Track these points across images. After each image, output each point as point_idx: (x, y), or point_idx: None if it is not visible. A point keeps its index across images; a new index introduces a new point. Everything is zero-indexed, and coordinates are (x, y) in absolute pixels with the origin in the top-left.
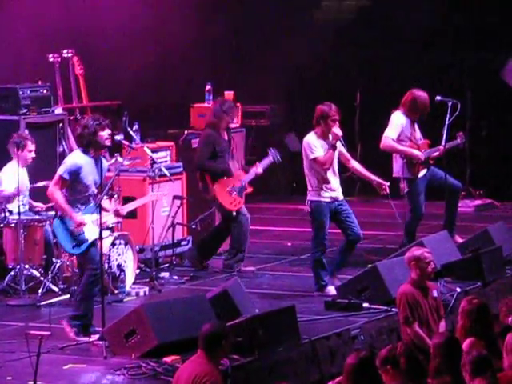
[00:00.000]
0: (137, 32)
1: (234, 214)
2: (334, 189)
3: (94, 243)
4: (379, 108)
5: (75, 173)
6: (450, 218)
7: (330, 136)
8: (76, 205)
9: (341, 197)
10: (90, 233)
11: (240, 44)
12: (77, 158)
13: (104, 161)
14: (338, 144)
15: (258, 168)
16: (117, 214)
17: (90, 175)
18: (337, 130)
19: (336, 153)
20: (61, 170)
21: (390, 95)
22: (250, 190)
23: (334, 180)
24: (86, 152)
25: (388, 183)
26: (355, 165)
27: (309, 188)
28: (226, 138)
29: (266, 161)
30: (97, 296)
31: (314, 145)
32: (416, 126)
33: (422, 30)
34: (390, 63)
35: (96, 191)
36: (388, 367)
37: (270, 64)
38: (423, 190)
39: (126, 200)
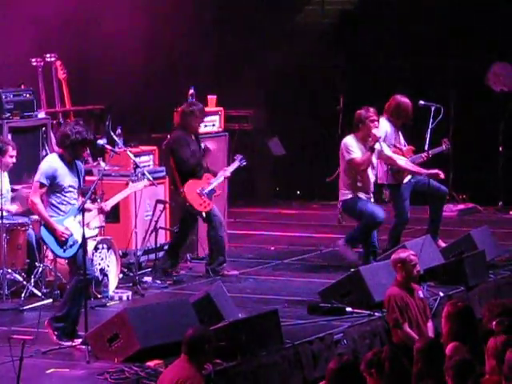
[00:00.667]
0: (121, 36)
1: (204, 215)
2: (368, 192)
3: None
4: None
5: (52, 176)
6: (435, 222)
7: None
8: (58, 207)
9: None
10: (79, 234)
11: (223, 48)
12: (51, 161)
13: (79, 163)
14: (378, 145)
15: (226, 171)
16: (101, 211)
17: (66, 177)
18: (376, 131)
19: (374, 155)
20: (37, 177)
21: (374, 99)
22: (218, 193)
23: (369, 183)
24: (61, 155)
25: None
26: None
27: (342, 189)
28: (195, 137)
29: (233, 165)
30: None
31: (351, 145)
32: (400, 133)
33: (408, 35)
34: (374, 67)
35: (77, 193)
36: (372, 371)
37: (254, 68)
38: (408, 196)
39: None
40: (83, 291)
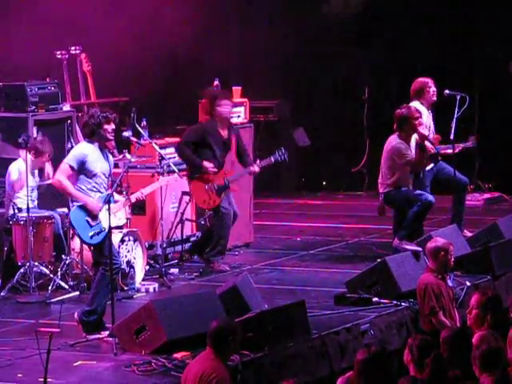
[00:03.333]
0: (145, 28)
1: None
2: (408, 185)
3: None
4: (388, 102)
5: (82, 161)
6: (458, 213)
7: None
8: (88, 194)
9: None
10: (106, 222)
11: (248, 39)
12: (83, 147)
13: (109, 154)
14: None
15: (255, 167)
16: (136, 198)
17: (96, 163)
18: (423, 130)
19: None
20: (67, 159)
21: (398, 89)
22: (235, 188)
23: (410, 177)
24: (90, 142)
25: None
26: None
27: (383, 182)
28: (224, 135)
29: (266, 161)
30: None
31: (403, 149)
32: (428, 119)
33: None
34: (399, 57)
35: (107, 181)
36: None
37: (278, 59)
38: (428, 184)
39: None
40: (109, 282)
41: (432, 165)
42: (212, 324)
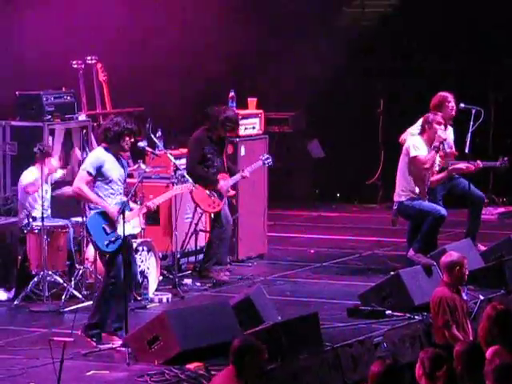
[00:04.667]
0: (161, 39)
1: (213, 216)
2: (425, 195)
3: (120, 249)
4: (403, 115)
5: (99, 167)
6: (472, 228)
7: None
8: (105, 200)
9: None
10: (122, 230)
11: (264, 50)
12: (99, 153)
13: (124, 161)
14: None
15: (246, 172)
16: (147, 207)
17: (113, 170)
18: (441, 132)
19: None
20: (85, 165)
21: (414, 102)
22: (232, 193)
23: (426, 186)
24: (107, 149)
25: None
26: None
27: (398, 190)
28: (218, 140)
29: (255, 164)
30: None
31: (419, 144)
32: (449, 133)
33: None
34: (415, 70)
35: (122, 187)
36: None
37: (294, 70)
38: (441, 198)
39: None
40: (112, 295)
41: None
42: (233, 341)
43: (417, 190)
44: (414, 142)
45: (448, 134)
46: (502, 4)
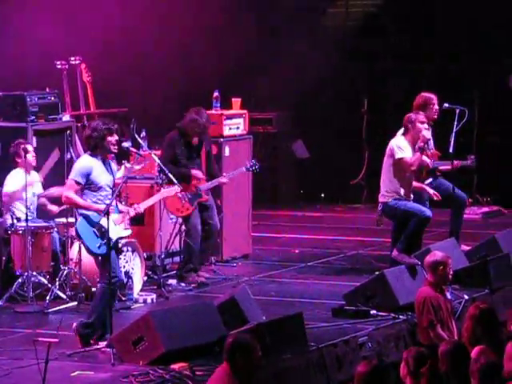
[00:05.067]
0: (144, 39)
1: (182, 220)
2: (409, 196)
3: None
4: (387, 114)
5: (87, 175)
6: (455, 228)
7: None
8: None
9: None
10: (113, 232)
11: (248, 51)
12: (86, 160)
13: (113, 164)
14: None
15: (224, 178)
16: (135, 212)
17: (101, 176)
18: (425, 132)
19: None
20: (72, 175)
21: (397, 101)
22: (205, 198)
23: (409, 186)
24: (93, 155)
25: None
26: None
27: (383, 191)
28: (194, 143)
29: (238, 170)
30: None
31: (403, 146)
32: (430, 134)
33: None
34: (398, 70)
35: (111, 192)
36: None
37: (278, 71)
38: (427, 198)
39: None
40: (111, 296)
41: (431, 179)
42: (226, 338)
43: (402, 191)
44: (397, 142)
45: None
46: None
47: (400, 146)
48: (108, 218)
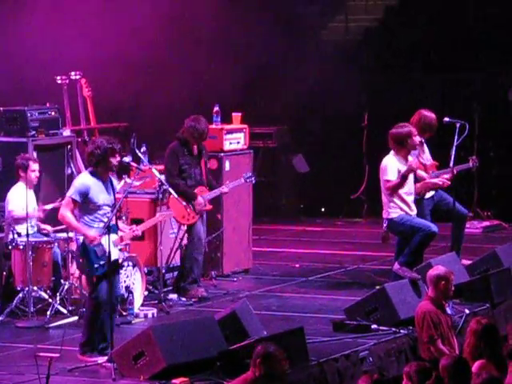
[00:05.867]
0: (144, 53)
1: (186, 227)
2: (412, 209)
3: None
4: (387, 129)
5: (85, 193)
6: (457, 241)
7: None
8: (91, 225)
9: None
10: (112, 253)
11: (248, 66)
12: (85, 178)
13: (114, 180)
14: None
15: (225, 188)
16: (133, 234)
17: (99, 195)
18: (413, 161)
19: (410, 178)
20: (70, 192)
21: (398, 115)
22: (208, 207)
23: (411, 200)
24: (93, 173)
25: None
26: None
27: (386, 207)
28: (195, 151)
29: (236, 182)
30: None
31: (391, 167)
32: (425, 147)
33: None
34: (397, 84)
35: (110, 210)
36: None
37: (278, 86)
38: (428, 212)
39: (134, 222)
40: (111, 311)
41: (432, 193)
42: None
43: (403, 206)
44: (387, 163)
45: (424, 150)
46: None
47: (388, 166)
48: (109, 235)
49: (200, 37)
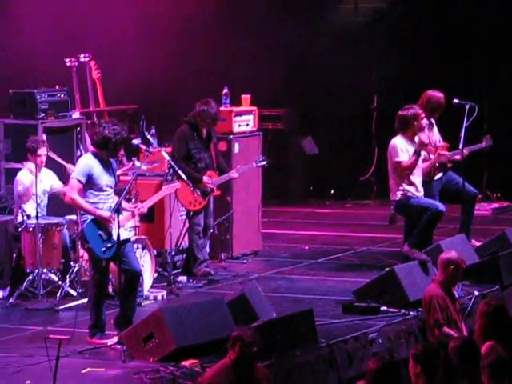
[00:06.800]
0: (154, 35)
1: (191, 214)
2: (419, 190)
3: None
4: (396, 111)
5: (88, 174)
6: (466, 224)
7: (416, 140)
8: (96, 206)
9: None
10: (117, 235)
11: (257, 47)
12: (87, 160)
13: (113, 161)
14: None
15: (234, 173)
16: (138, 212)
17: (102, 176)
18: (424, 137)
19: (420, 158)
20: (74, 174)
21: (407, 98)
22: (217, 193)
23: (418, 182)
24: (96, 155)
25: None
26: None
27: (393, 189)
28: (204, 135)
29: (247, 166)
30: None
31: (400, 147)
32: (435, 129)
33: (441, 34)
34: (405, 66)
35: (113, 193)
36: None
37: (287, 67)
38: (437, 193)
39: None
40: (130, 290)
41: (441, 174)
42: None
43: (410, 188)
44: (395, 144)
45: (434, 131)
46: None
47: (397, 147)
48: (118, 217)
49: (209, 19)
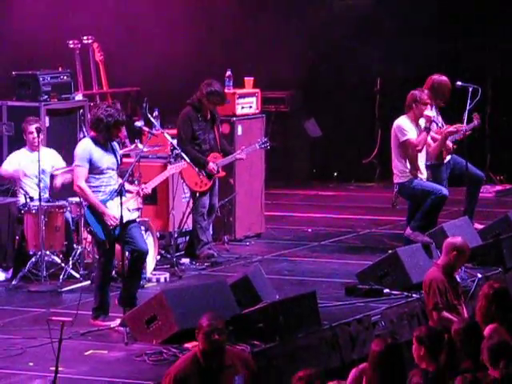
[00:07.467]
0: (157, 17)
1: (198, 195)
2: (422, 173)
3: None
4: (399, 93)
5: (88, 159)
6: (470, 207)
7: (422, 120)
8: (98, 189)
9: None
10: (123, 217)
11: (260, 30)
12: (85, 145)
13: (114, 143)
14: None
15: (241, 154)
16: (141, 193)
17: (103, 159)
18: (429, 112)
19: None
20: (76, 161)
21: (409, 80)
22: (221, 174)
23: (422, 164)
24: (94, 138)
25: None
26: None
27: (396, 172)
28: (208, 117)
29: (251, 147)
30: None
31: (405, 126)
32: (433, 112)
33: (445, 17)
34: (411, 50)
35: (116, 173)
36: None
37: (291, 49)
38: (446, 177)
39: None
40: (135, 270)
41: (449, 157)
42: None
43: (414, 170)
44: (400, 124)
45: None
46: None
47: (402, 127)
48: (121, 199)
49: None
